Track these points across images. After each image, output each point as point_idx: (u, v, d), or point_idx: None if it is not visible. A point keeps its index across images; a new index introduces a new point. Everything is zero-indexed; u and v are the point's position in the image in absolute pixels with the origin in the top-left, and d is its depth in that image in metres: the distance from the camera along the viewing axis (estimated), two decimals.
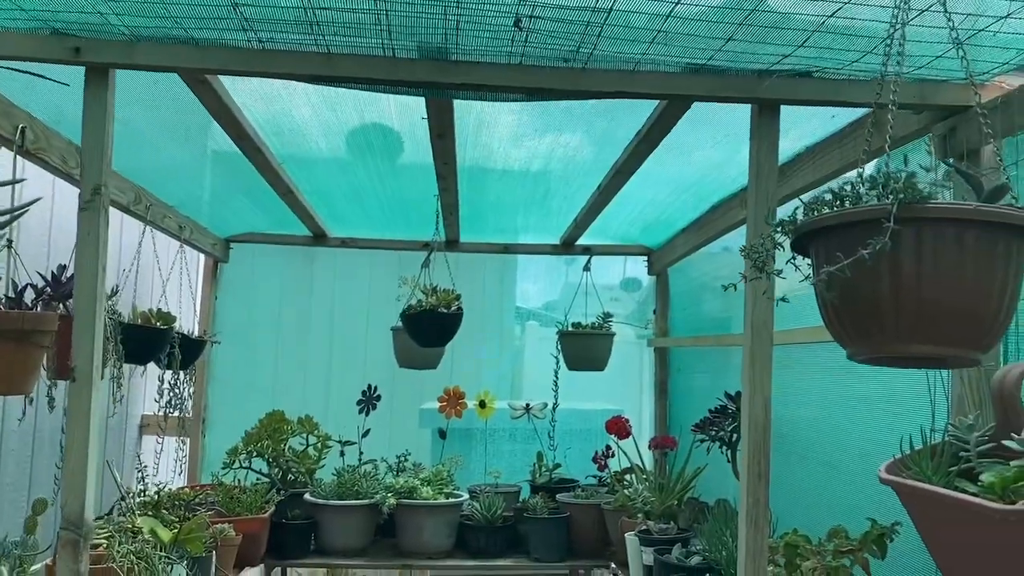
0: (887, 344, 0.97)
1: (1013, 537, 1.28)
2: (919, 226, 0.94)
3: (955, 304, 0.93)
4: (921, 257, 0.94)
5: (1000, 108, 1.66)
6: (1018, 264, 0.97)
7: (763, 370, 1.76)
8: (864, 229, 0.93)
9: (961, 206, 0.94)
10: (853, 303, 0.98)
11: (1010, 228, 0.96)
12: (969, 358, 0.99)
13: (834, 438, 2.54)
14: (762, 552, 1.74)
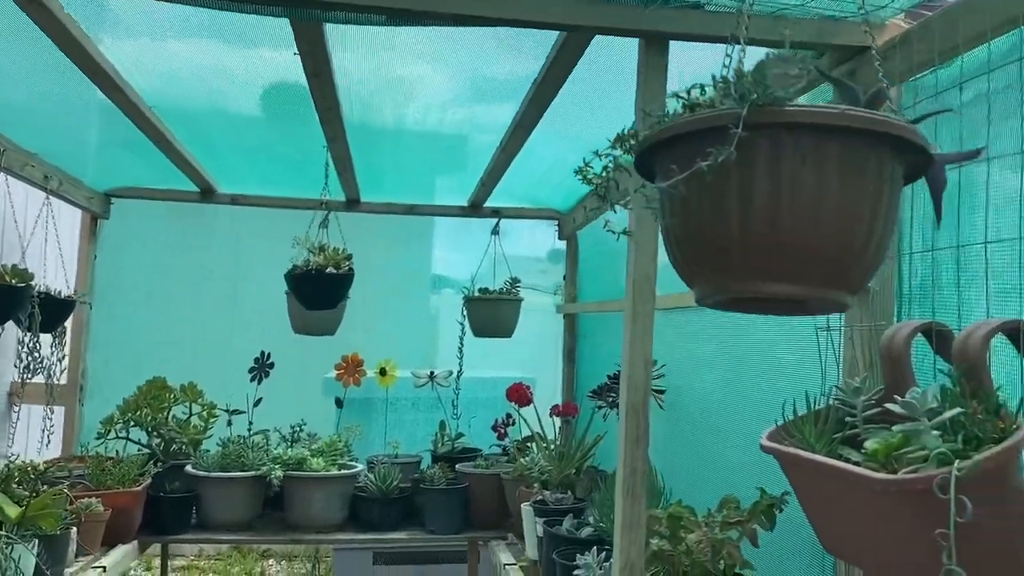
0: (736, 282, 0.81)
1: (894, 507, 1.17)
2: (774, 135, 0.76)
3: (815, 233, 0.76)
4: (775, 174, 0.76)
5: (899, 48, 1.53)
6: (892, 186, 0.81)
7: (644, 329, 1.62)
8: (712, 140, 0.76)
9: (824, 109, 0.75)
10: (697, 233, 0.81)
11: (884, 139, 0.79)
12: (835, 300, 0.83)
13: (732, 405, 2.44)
14: (639, 524, 1.62)
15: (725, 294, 0.82)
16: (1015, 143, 1.27)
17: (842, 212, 0.75)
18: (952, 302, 1.46)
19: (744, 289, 0.80)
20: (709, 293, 0.84)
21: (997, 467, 1.06)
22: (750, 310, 0.91)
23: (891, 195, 0.80)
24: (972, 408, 1.14)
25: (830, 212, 0.75)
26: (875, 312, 1.60)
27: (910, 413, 1.15)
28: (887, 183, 0.79)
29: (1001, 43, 1.33)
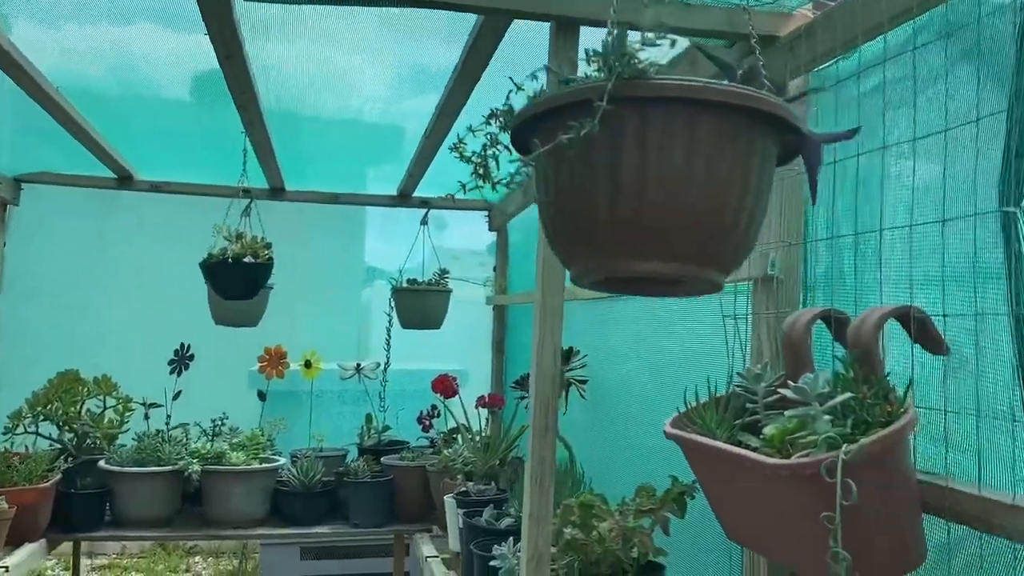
0: (607, 260, 0.79)
1: (788, 492, 1.18)
2: (642, 109, 0.75)
3: (684, 210, 0.74)
4: (642, 149, 0.74)
5: (804, 38, 1.55)
6: (763, 164, 0.80)
7: (554, 316, 1.60)
8: (580, 114, 0.74)
9: (689, 82, 0.73)
10: (569, 210, 0.79)
11: (753, 115, 0.77)
12: (708, 280, 0.82)
13: (650, 394, 2.45)
14: (547, 514, 1.60)
15: (599, 273, 0.81)
16: (909, 132, 1.28)
17: (711, 189, 0.74)
18: (858, 289, 1.48)
19: (615, 268, 0.78)
20: (583, 273, 0.82)
21: (883, 450, 1.07)
22: (627, 290, 0.90)
23: (762, 173, 0.79)
24: (862, 393, 1.15)
25: (699, 188, 0.73)
26: (781, 300, 1.62)
27: (802, 398, 1.16)
28: (757, 160, 0.78)
29: (897, 34, 1.35)
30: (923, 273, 1.26)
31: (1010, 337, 1.09)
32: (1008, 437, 1.09)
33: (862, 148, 1.39)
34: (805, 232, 1.63)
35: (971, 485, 1.11)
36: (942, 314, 1.18)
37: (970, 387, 1.15)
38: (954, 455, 1.17)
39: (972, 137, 1.14)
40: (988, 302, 1.13)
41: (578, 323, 3.21)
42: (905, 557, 1.15)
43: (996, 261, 1.11)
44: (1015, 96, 1.09)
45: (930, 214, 1.23)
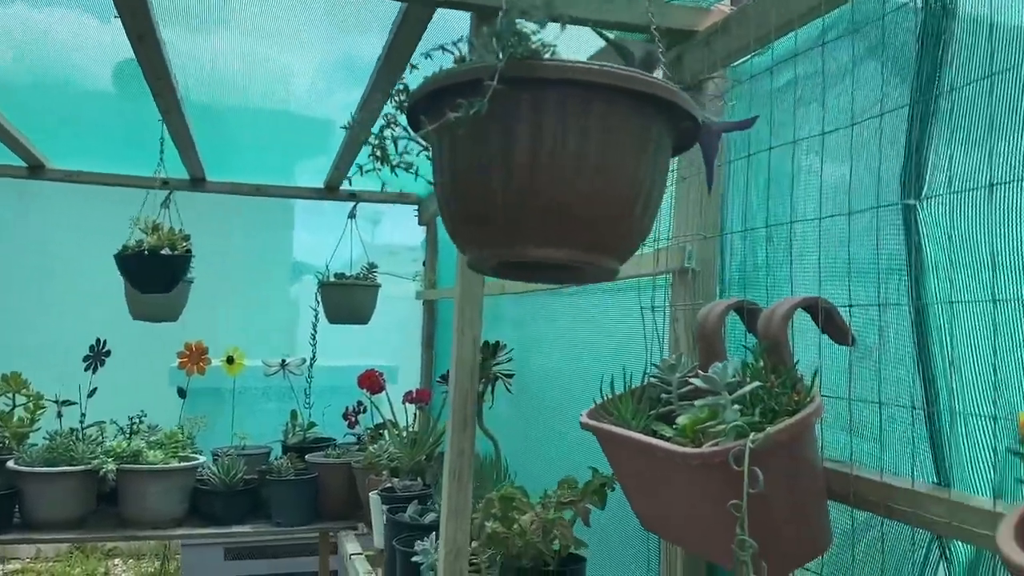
0: (502, 245, 0.77)
1: (699, 481, 1.19)
2: (536, 90, 0.74)
3: (577, 195, 0.73)
4: (536, 132, 0.73)
5: (721, 34, 1.56)
6: (658, 151, 0.80)
7: (473, 307, 1.59)
8: (473, 94, 0.73)
9: (582, 65, 0.72)
10: (463, 193, 0.77)
11: (648, 100, 0.76)
12: (603, 267, 0.81)
13: (575, 386, 2.46)
14: (465, 508, 1.59)
15: (493, 259, 0.79)
16: (819, 127, 1.31)
17: (604, 174, 0.73)
18: (772, 281, 1.50)
19: (508, 253, 0.77)
20: (478, 258, 0.81)
21: (790, 438, 1.09)
22: (524, 277, 0.89)
23: (656, 160, 0.79)
24: (770, 382, 1.17)
25: (592, 174, 0.73)
26: (698, 292, 1.63)
27: (711, 387, 1.17)
28: (652, 147, 0.78)
29: (809, 30, 1.37)
30: (831, 265, 1.28)
31: (910, 327, 1.12)
32: (908, 425, 1.12)
33: (774, 142, 1.41)
34: (722, 225, 1.65)
35: (874, 472, 1.13)
36: (848, 305, 1.20)
37: (873, 376, 1.18)
38: (859, 443, 1.19)
39: (877, 131, 1.17)
40: (891, 293, 1.16)
41: (508, 317, 3.21)
42: (811, 543, 1.18)
43: (899, 253, 1.14)
44: (916, 92, 1.12)
45: (838, 207, 1.25)
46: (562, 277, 0.88)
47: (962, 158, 1.04)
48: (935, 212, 1.09)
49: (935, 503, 1.03)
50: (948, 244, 1.06)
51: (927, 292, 1.10)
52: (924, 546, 1.11)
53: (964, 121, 1.05)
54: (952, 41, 1.07)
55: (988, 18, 1.01)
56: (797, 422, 1.08)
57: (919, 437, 1.10)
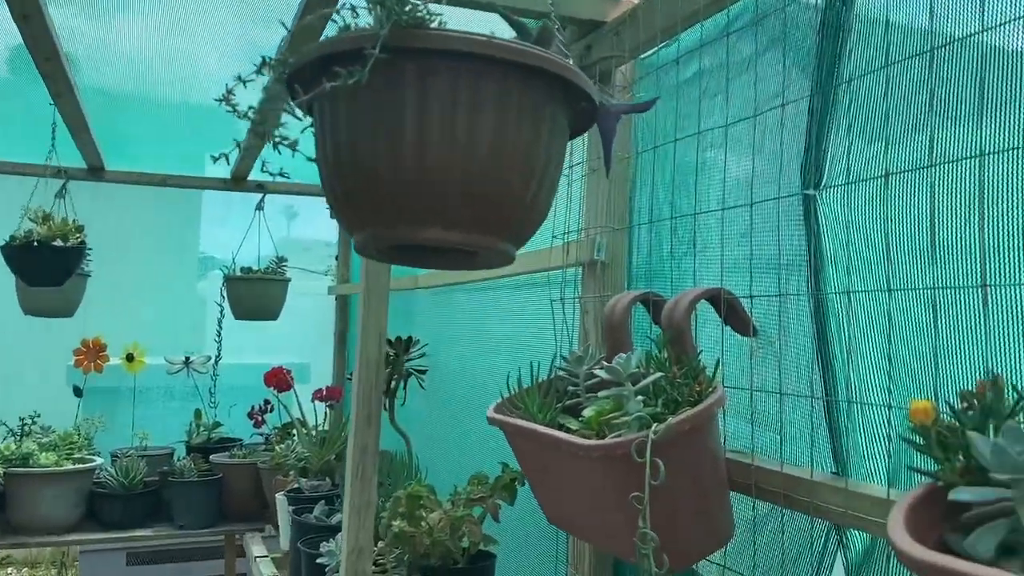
0: (389, 227, 0.73)
1: (602, 473, 1.17)
2: (423, 61, 0.70)
3: (468, 174, 0.69)
4: (423, 105, 0.69)
5: (628, 24, 1.55)
6: (554, 130, 0.77)
7: (379, 300, 1.54)
8: (356, 64, 0.68)
9: (472, 36, 0.69)
10: (348, 172, 0.73)
11: (543, 76, 0.73)
12: (498, 251, 0.78)
13: (488, 381, 2.43)
14: (369, 506, 1.54)
15: (380, 242, 0.75)
16: (723, 119, 1.31)
17: (497, 153, 0.70)
18: (677, 272, 1.50)
19: (395, 236, 0.73)
20: (365, 241, 0.76)
21: (692, 429, 1.08)
22: (417, 262, 0.85)
23: (552, 140, 0.76)
24: (673, 373, 1.16)
25: (483, 152, 0.69)
26: (607, 283, 1.62)
27: (615, 378, 1.15)
28: (547, 126, 0.74)
29: (716, 21, 1.37)
30: (734, 256, 1.29)
31: (810, 317, 1.13)
32: (807, 414, 1.12)
33: (680, 134, 1.41)
34: (630, 217, 1.64)
35: (775, 462, 1.13)
36: (750, 295, 1.20)
37: (774, 366, 1.18)
38: (760, 433, 1.20)
39: (778, 123, 1.17)
40: (792, 284, 1.17)
41: (422, 312, 3.16)
42: (714, 535, 1.17)
43: (800, 243, 1.15)
44: (816, 83, 1.13)
45: (741, 198, 1.25)
46: (456, 262, 0.85)
47: (860, 148, 1.05)
48: (834, 202, 1.09)
49: (832, 492, 1.04)
50: (846, 234, 1.07)
51: (826, 282, 1.11)
52: (823, 535, 1.12)
53: (862, 112, 1.05)
54: (850, 33, 1.08)
55: (885, 11, 1.02)
56: (699, 412, 1.08)
57: (818, 427, 1.11)
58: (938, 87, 0.94)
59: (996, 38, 0.86)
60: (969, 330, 0.88)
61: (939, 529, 0.66)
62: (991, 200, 0.86)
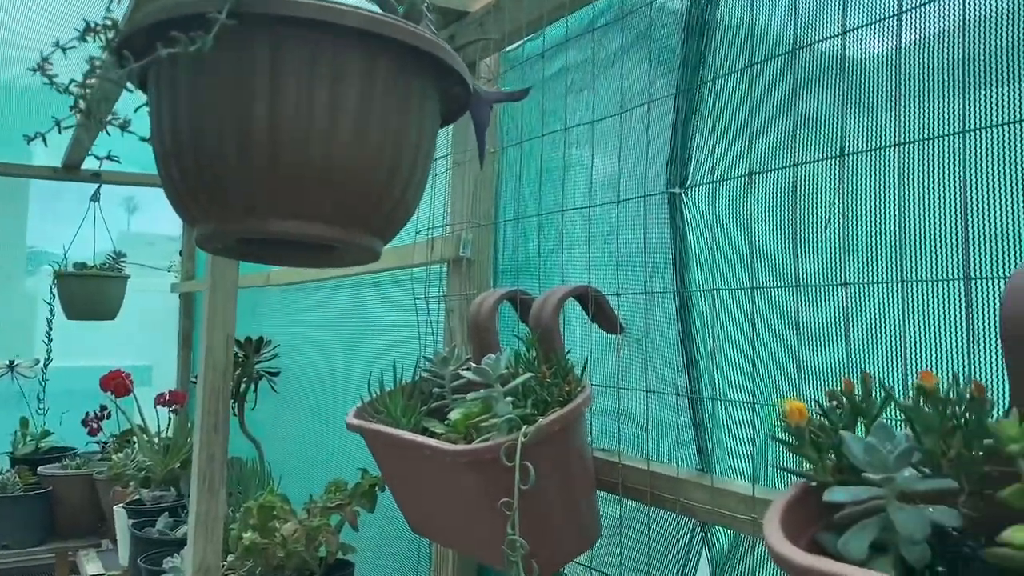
0: (238, 219, 0.65)
1: (471, 478, 1.13)
2: (277, 33, 0.62)
3: (330, 161, 0.61)
4: (277, 83, 0.62)
5: (493, 16, 1.52)
6: (426, 115, 0.72)
7: (227, 297, 1.44)
8: (198, 30, 0.61)
9: (333, 5, 0.61)
10: (190, 156, 0.64)
11: (412, 53, 0.67)
12: (363, 246, 0.72)
13: (343, 384, 2.34)
14: (217, 518, 1.44)
15: (226, 236, 0.67)
16: (589, 115, 1.29)
17: (362, 137, 0.63)
18: (544, 269, 1.47)
19: (246, 228, 0.65)
20: (209, 235, 0.68)
21: (562, 430, 1.05)
22: (269, 259, 0.78)
23: (423, 124, 0.70)
24: (543, 373, 1.13)
25: (347, 136, 0.62)
26: (473, 281, 1.58)
27: (484, 379, 1.11)
28: (416, 108, 0.69)
29: (582, 16, 1.35)
30: (601, 254, 1.27)
31: (675, 315, 1.13)
32: (673, 412, 1.12)
33: (546, 129, 1.39)
34: (496, 213, 1.61)
35: (641, 460, 1.13)
36: (616, 293, 1.19)
37: (641, 364, 1.18)
38: (627, 431, 1.19)
39: (644, 121, 1.17)
40: (657, 281, 1.16)
41: (275, 310, 3.01)
42: (582, 537, 1.16)
43: (665, 241, 1.14)
44: (682, 81, 1.13)
45: (608, 196, 1.24)
46: (315, 259, 0.77)
47: (724, 147, 1.06)
48: (699, 200, 1.10)
49: (698, 489, 1.04)
50: (711, 232, 1.07)
51: (691, 280, 1.11)
52: (688, 532, 1.12)
53: (726, 112, 1.06)
54: (714, 33, 1.09)
55: (748, 13, 1.02)
56: (568, 412, 1.05)
57: (683, 424, 1.11)
58: (801, 89, 0.95)
59: (856, 42, 0.88)
60: (830, 328, 0.90)
61: (813, 528, 0.66)
62: (853, 199, 0.87)
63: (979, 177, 0.78)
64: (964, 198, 0.78)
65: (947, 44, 0.82)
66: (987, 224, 0.78)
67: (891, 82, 0.86)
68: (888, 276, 0.84)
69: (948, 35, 0.82)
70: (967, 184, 0.78)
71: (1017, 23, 0.77)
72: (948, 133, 0.80)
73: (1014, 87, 0.77)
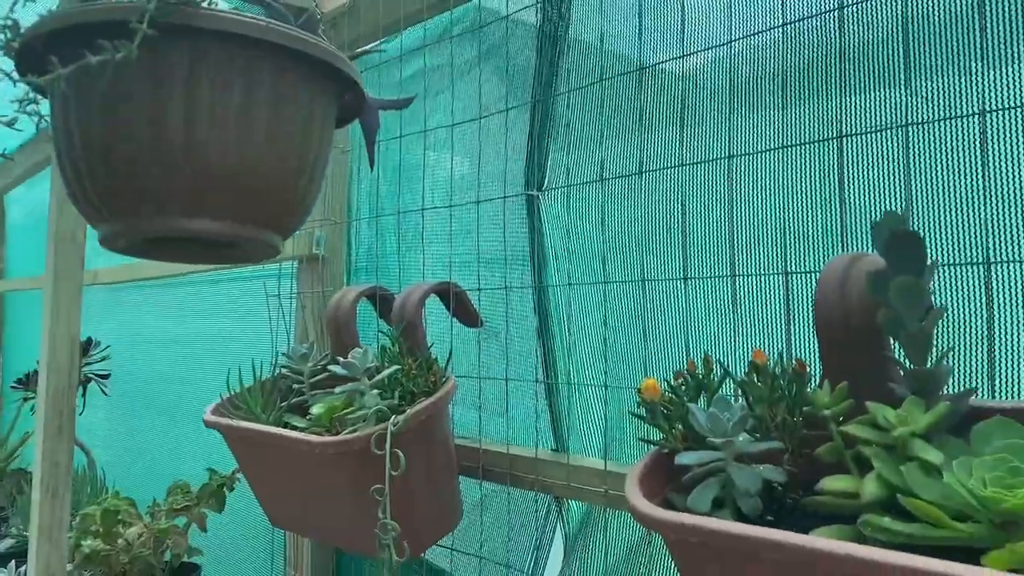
0: (150, 217, 0.67)
1: (337, 469, 1.16)
2: (193, 43, 0.65)
3: (239, 162, 0.66)
4: (192, 90, 0.65)
5: (347, 17, 1.55)
6: (326, 120, 0.76)
7: (72, 297, 1.38)
8: (113, 37, 0.62)
9: (248, 19, 0.66)
10: (101, 156, 0.66)
11: (314, 64, 0.72)
12: (268, 244, 0.76)
13: (187, 385, 2.27)
14: (62, 526, 1.38)
15: (137, 232, 0.68)
16: (447, 119, 1.36)
17: (269, 140, 0.66)
18: (401, 267, 1.52)
19: (158, 226, 0.67)
20: (117, 232, 0.68)
21: (429, 418, 1.11)
22: (171, 256, 0.79)
23: (323, 129, 0.75)
24: (408, 366, 1.18)
25: (257, 139, 0.65)
26: (326, 278, 1.60)
27: (351, 373, 1.15)
28: (319, 114, 0.73)
29: (442, 21, 1.41)
30: (462, 251, 1.34)
31: (533, 308, 1.22)
32: (531, 398, 1.21)
33: (404, 131, 1.44)
34: (348, 211, 1.64)
35: (501, 444, 1.21)
36: (477, 288, 1.26)
37: (501, 355, 1.26)
38: (488, 418, 1.26)
39: (503, 127, 1.25)
40: (516, 277, 1.24)
41: (103, 310, 2.86)
42: (446, 519, 1.22)
43: (523, 240, 1.23)
44: (538, 89, 1.21)
45: (469, 197, 1.31)
46: (216, 255, 0.79)
47: (578, 154, 1.15)
48: (554, 202, 1.19)
49: (554, 468, 1.13)
50: (566, 231, 1.16)
51: (548, 275, 1.20)
52: (544, 508, 1.21)
53: (578, 120, 1.16)
54: (567, 47, 1.18)
55: (599, 25, 1.12)
56: (435, 401, 1.11)
57: (541, 409, 1.20)
58: (646, 103, 1.06)
59: (694, 64, 0.99)
60: (674, 317, 1.01)
61: (666, 489, 0.75)
62: (691, 202, 0.99)
63: (797, 185, 0.91)
64: (783, 205, 0.91)
65: (768, 63, 0.95)
66: (805, 225, 0.91)
67: (726, 98, 0.98)
68: (722, 271, 0.96)
69: (768, 57, 0.95)
70: (781, 192, 0.91)
71: (814, 45, 0.91)
72: (772, 148, 0.93)
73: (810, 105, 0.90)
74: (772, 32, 0.93)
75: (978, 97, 0.80)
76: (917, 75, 0.83)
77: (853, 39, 0.87)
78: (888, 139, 0.84)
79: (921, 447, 0.63)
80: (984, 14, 0.81)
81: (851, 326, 0.72)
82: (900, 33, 0.84)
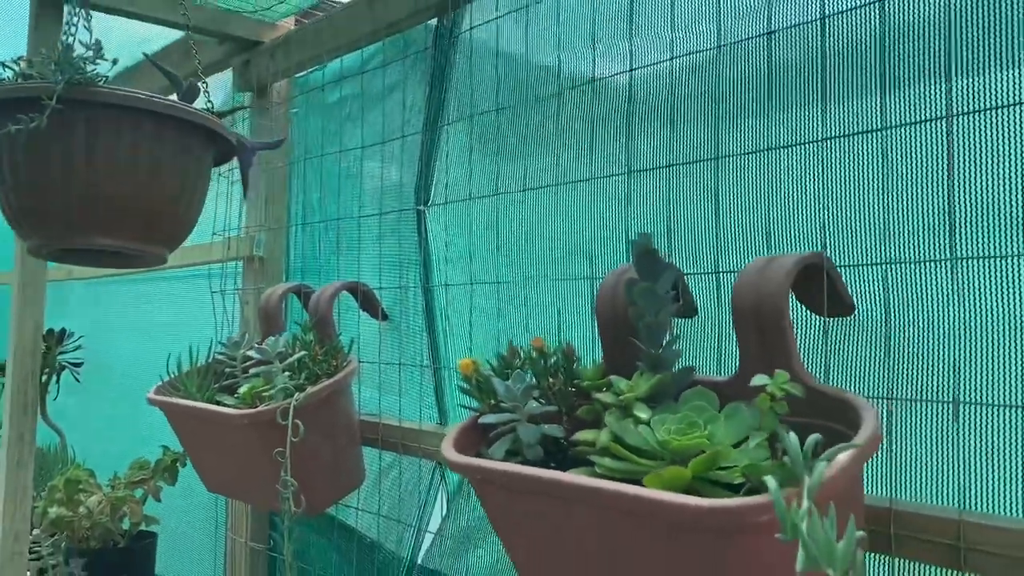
0: (62, 237, 0.93)
1: (252, 437, 1.37)
2: (92, 110, 0.90)
3: (130, 197, 0.91)
4: (93, 145, 0.88)
5: (283, 48, 1.76)
6: (199, 164, 1.00)
7: (36, 290, 1.60)
8: (33, 108, 0.86)
9: (134, 94, 0.92)
10: (26, 193, 0.90)
11: (189, 126, 0.96)
12: (155, 254, 1.01)
13: (148, 371, 2.48)
14: (26, 491, 1.60)
15: (54, 246, 0.92)
16: (359, 141, 1.57)
17: (152, 181, 0.92)
18: (327, 268, 1.74)
19: (68, 241, 0.91)
20: (40, 246, 0.92)
21: (330, 395, 1.33)
22: (87, 261, 1.01)
23: (198, 171, 0.99)
24: (315, 351, 1.40)
25: (142, 181, 0.90)
26: (266, 277, 1.82)
27: (265, 357, 1.37)
28: (193, 161, 0.98)
29: (355, 58, 1.63)
30: (370, 255, 1.56)
31: (422, 304, 1.44)
32: (419, 380, 1.43)
33: (327, 150, 1.65)
34: (288, 218, 1.85)
35: (395, 419, 1.43)
36: (380, 287, 1.48)
37: (397, 343, 1.48)
38: (386, 397, 1.48)
39: (401, 150, 1.47)
40: (410, 278, 1.47)
41: (78, 303, 3.07)
42: (347, 481, 1.44)
43: (415, 247, 1.45)
44: (428, 122, 1.43)
45: (374, 208, 1.53)
46: (121, 262, 1.02)
47: (456, 175, 1.37)
48: (438, 216, 1.41)
49: (435, 438, 1.35)
50: (445, 240, 1.39)
51: (432, 277, 1.42)
52: (429, 474, 1.43)
53: (456, 148, 1.38)
54: (452, 85, 1.40)
55: (494, 53, 1.33)
56: (335, 382, 1.33)
57: (427, 389, 1.42)
58: (503, 136, 1.28)
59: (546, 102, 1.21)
60: (520, 313, 1.24)
61: (480, 445, 0.97)
62: (535, 220, 1.21)
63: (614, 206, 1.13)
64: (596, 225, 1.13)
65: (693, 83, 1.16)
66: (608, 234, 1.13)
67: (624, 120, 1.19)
68: (552, 275, 1.18)
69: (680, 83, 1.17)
70: (596, 217, 1.14)
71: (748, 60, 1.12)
72: (662, 165, 1.15)
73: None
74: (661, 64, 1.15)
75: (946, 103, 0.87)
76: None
77: (731, 73, 1.09)
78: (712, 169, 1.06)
79: (639, 407, 0.85)
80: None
81: (618, 321, 0.94)
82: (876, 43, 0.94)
